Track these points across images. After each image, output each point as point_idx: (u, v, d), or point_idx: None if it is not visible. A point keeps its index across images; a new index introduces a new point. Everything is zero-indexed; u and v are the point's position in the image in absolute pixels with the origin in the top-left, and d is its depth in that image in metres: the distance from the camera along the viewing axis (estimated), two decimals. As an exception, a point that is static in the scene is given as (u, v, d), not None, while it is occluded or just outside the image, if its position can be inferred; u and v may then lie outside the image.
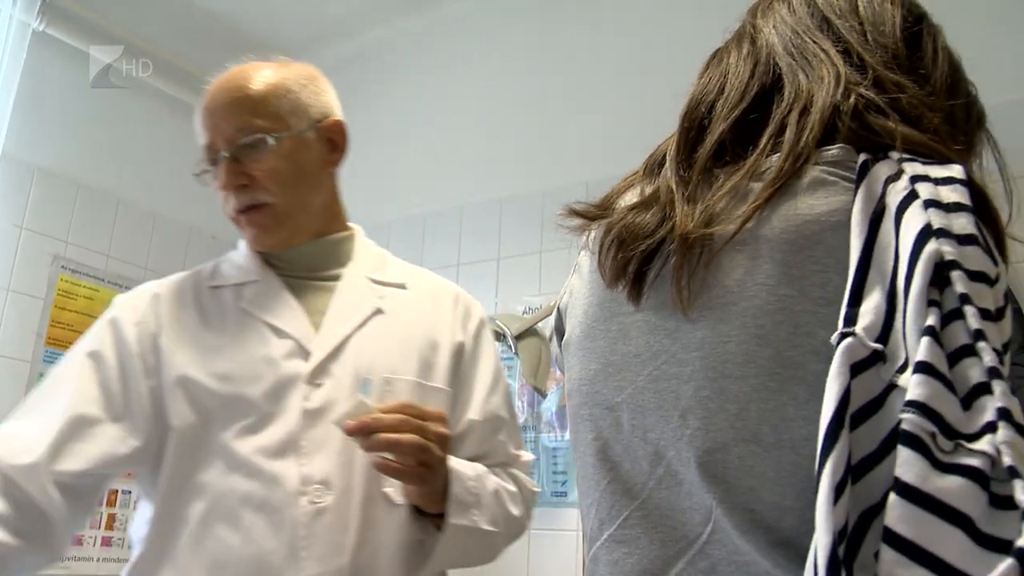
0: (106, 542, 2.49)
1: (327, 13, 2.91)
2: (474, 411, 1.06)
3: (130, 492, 2.57)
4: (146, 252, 2.74)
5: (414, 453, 0.87)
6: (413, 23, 2.92)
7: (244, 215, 1.02)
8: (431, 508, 0.96)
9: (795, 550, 0.44)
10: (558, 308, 0.65)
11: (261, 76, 1.03)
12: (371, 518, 0.94)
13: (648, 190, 0.58)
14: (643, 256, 0.54)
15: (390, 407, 0.89)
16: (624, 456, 0.54)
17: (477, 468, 1.01)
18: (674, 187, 0.55)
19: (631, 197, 0.60)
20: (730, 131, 0.56)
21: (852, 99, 0.52)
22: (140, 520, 1.00)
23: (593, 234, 0.61)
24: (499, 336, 1.98)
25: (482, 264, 2.25)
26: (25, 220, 2.43)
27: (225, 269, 1.08)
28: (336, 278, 1.05)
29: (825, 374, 0.44)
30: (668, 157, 0.58)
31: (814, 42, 0.56)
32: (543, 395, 1.96)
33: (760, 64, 0.58)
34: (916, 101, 0.52)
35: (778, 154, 0.52)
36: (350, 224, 1.13)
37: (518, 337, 1.94)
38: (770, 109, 0.56)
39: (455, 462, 0.96)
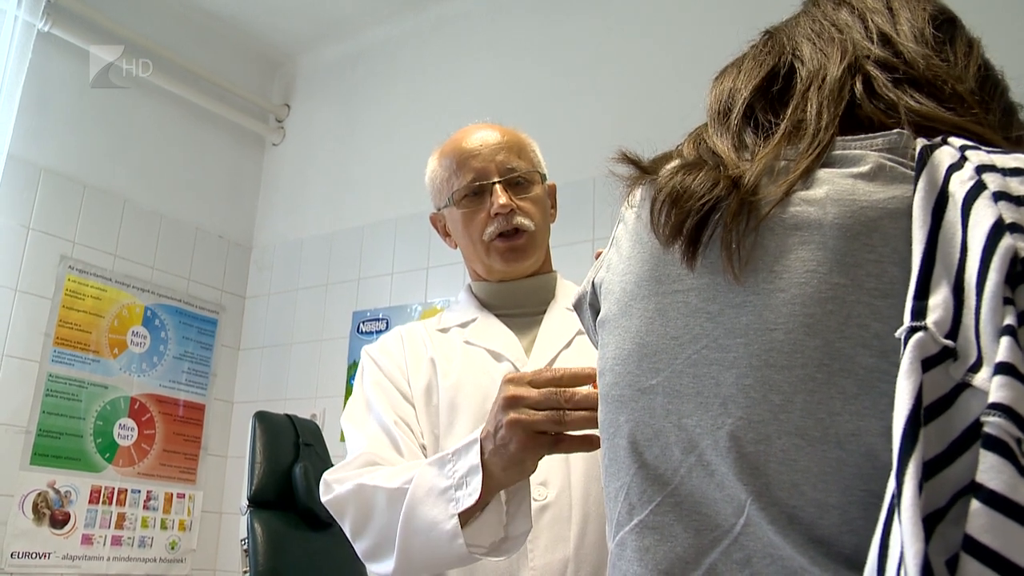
0: (116, 541, 2.49)
1: (330, 12, 2.90)
2: None
3: (139, 491, 2.56)
4: (153, 252, 2.73)
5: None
6: (415, 21, 2.90)
7: (504, 240, 1.15)
8: None
9: (836, 549, 0.43)
10: (592, 283, 0.63)
11: (512, 130, 1.21)
12: (588, 513, 1.02)
13: (691, 156, 0.57)
14: (700, 214, 0.51)
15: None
16: (654, 441, 0.52)
17: None
18: (723, 151, 0.54)
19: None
20: (761, 99, 0.56)
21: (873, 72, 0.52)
22: None
23: (639, 194, 0.59)
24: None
25: (491, 260, 2.23)
26: (32, 220, 2.43)
27: (447, 315, 1.25)
28: (542, 312, 1.20)
29: (876, 368, 0.42)
30: (708, 135, 0.57)
31: (834, 25, 0.56)
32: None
33: (781, 56, 0.58)
34: (964, 92, 0.51)
35: (822, 110, 0.52)
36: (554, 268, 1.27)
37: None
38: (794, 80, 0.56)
39: None
